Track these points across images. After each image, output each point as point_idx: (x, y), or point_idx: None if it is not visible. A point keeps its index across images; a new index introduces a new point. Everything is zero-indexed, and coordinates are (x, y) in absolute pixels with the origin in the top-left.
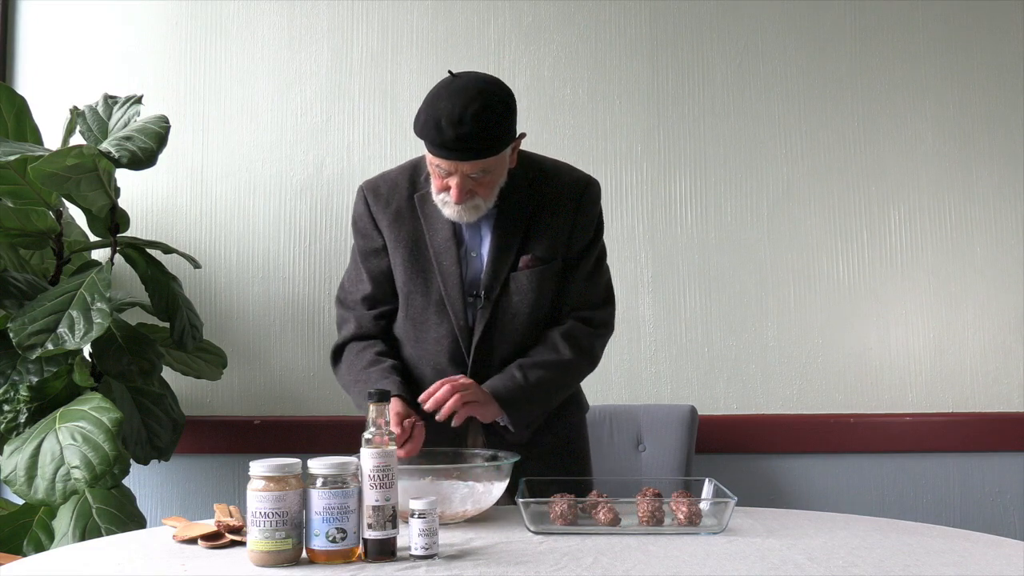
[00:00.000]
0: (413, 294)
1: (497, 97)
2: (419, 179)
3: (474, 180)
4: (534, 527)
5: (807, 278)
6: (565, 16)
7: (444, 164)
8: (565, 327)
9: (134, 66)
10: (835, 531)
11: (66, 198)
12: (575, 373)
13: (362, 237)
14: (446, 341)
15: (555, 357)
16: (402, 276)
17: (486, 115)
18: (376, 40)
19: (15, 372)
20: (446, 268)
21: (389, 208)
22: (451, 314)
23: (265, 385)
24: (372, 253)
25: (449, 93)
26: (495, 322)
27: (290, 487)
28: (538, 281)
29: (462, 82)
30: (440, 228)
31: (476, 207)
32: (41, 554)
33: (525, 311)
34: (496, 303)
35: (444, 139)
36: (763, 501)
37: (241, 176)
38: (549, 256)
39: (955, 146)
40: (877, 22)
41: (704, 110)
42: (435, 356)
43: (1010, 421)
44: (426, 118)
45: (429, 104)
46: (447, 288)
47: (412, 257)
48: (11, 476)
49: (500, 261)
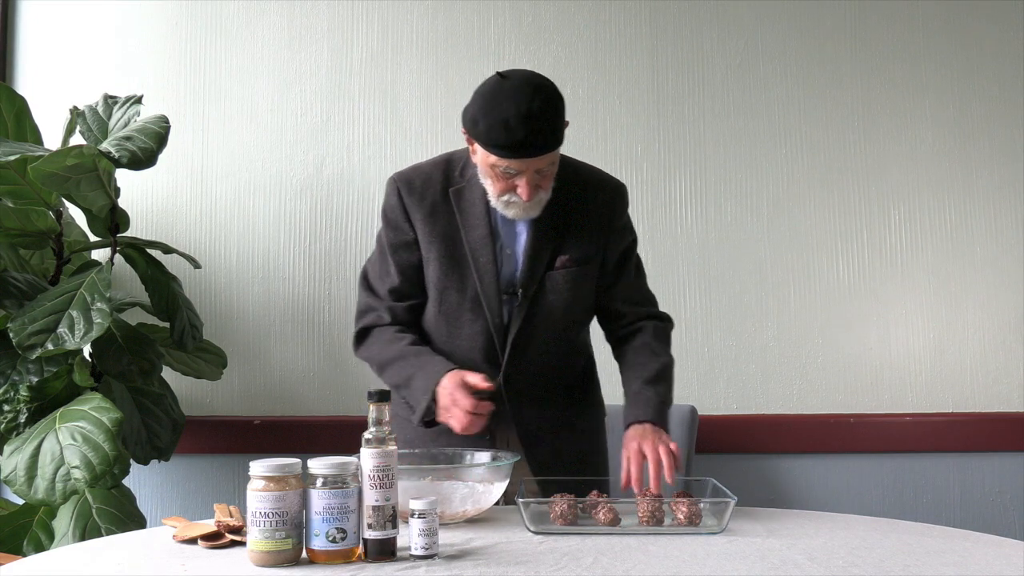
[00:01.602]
0: (448, 290)
1: (551, 88)
2: (453, 174)
3: (539, 175)
4: (534, 527)
5: (807, 278)
6: (565, 16)
7: (514, 164)
8: (652, 330)
9: (134, 66)
10: (835, 531)
11: (66, 198)
12: (674, 368)
13: (393, 229)
14: (480, 338)
15: (661, 362)
16: (436, 272)
17: (550, 107)
18: (376, 40)
19: (15, 372)
20: (482, 265)
21: (424, 202)
22: (487, 311)
23: (265, 385)
24: (402, 246)
25: (508, 94)
26: (531, 320)
27: (290, 487)
28: (573, 281)
29: (516, 81)
30: (476, 224)
31: (539, 201)
32: (41, 554)
33: (560, 310)
34: (532, 301)
35: (515, 139)
36: (763, 501)
37: (241, 176)
38: (584, 258)
39: (955, 146)
40: (877, 22)
41: (704, 110)
42: (468, 353)
43: (1010, 421)
44: (490, 122)
45: (489, 108)
46: (483, 285)
47: (448, 253)
48: (11, 476)
49: (537, 259)
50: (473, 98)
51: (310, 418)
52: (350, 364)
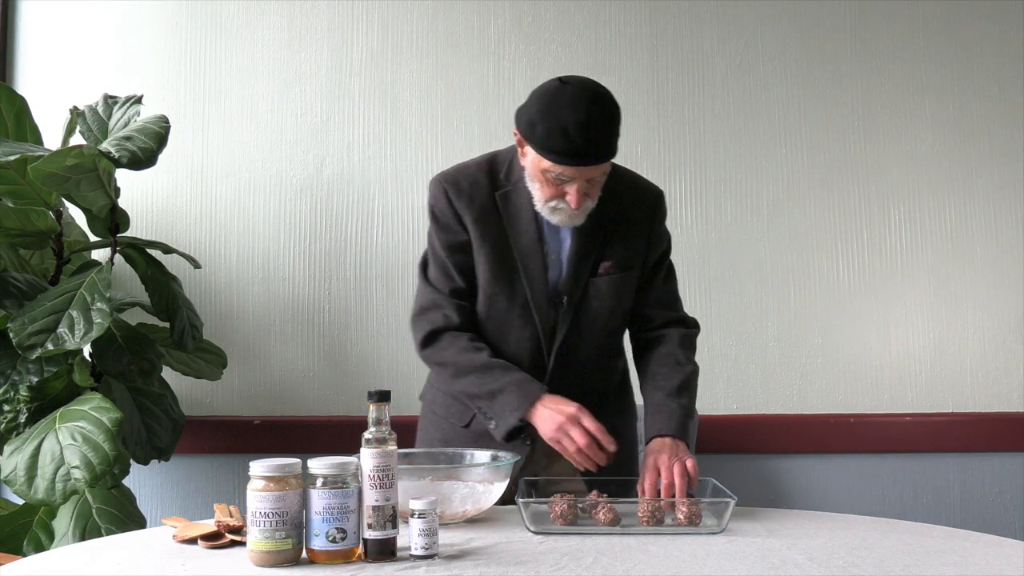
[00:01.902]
0: (497, 295)
1: (610, 98)
2: (499, 176)
3: (590, 184)
4: (534, 527)
5: (807, 278)
6: (565, 16)
7: (567, 171)
8: (678, 337)
9: (134, 66)
10: (835, 531)
11: (66, 198)
12: (698, 376)
13: (446, 232)
14: (528, 344)
15: (686, 372)
16: (486, 276)
17: (608, 117)
18: (376, 40)
19: (15, 372)
20: (532, 271)
21: (473, 205)
22: (536, 318)
23: (265, 385)
24: (458, 248)
25: (568, 100)
26: (576, 327)
27: (290, 487)
28: (617, 288)
29: (576, 88)
30: (525, 230)
31: (586, 209)
32: (41, 554)
33: (604, 316)
34: (578, 308)
35: (574, 147)
36: (763, 501)
37: (241, 176)
38: (628, 264)
39: (955, 146)
40: (877, 22)
41: (704, 110)
42: (515, 358)
43: (1010, 421)
44: (549, 128)
45: (547, 113)
46: (533, 292)
47: (497, 258)
48: (11, 476)
49: (581, 266)
50: (530, 100)
51: (310, 418)
52: (350, 364)
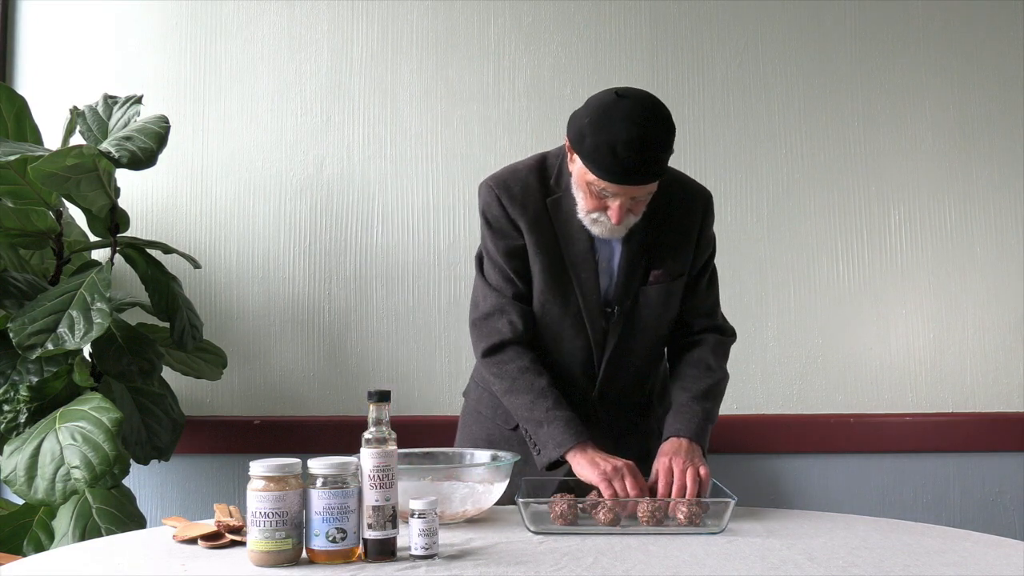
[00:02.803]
0: (550, 304)
1: (667, 120)
2: (549, 181)
3: (633, 200)
4: (534, 527)
5: (807, 278)
6: (565, 16)
7: (611, 187)
8: (711, 344)
9: (134, 66)
10: (835, 531)
11: (66, 198)
12: (726, 384)
13: (502, 237)
14: (580, 354)
15: (715, 378)
16: (540, 284)
17: (662, 141)
18: (376, 40)
19: (15, 372)
20: (585, 281)
21: (527, 211)
22: (588, 327)
23: (265, 385)
24: (516, 253)
25: (622, 116)
26: (626, 336)
27: (290, 487)
28: (666, 296)
29: (632, 104)
30: (577, 239)
31: (628, 224)
32: (41, 554)
33: (653, 325)
34: (628, 316)
35: (621, 165)
36: (763, 501)
37: (241, 176)
38: (679, 271)
39: (955, 146)
40: (877, 22)
41: (704, 110)
42: (567, 367)
43: (1010, 421)
44: (597, 142)
45: (600, 127)
46: (586, 301)
47: (551, 266)
48: (11, 476)
49: (632, 274)
50: (584, 109)
51: (310, 418)
52: (350, 364)
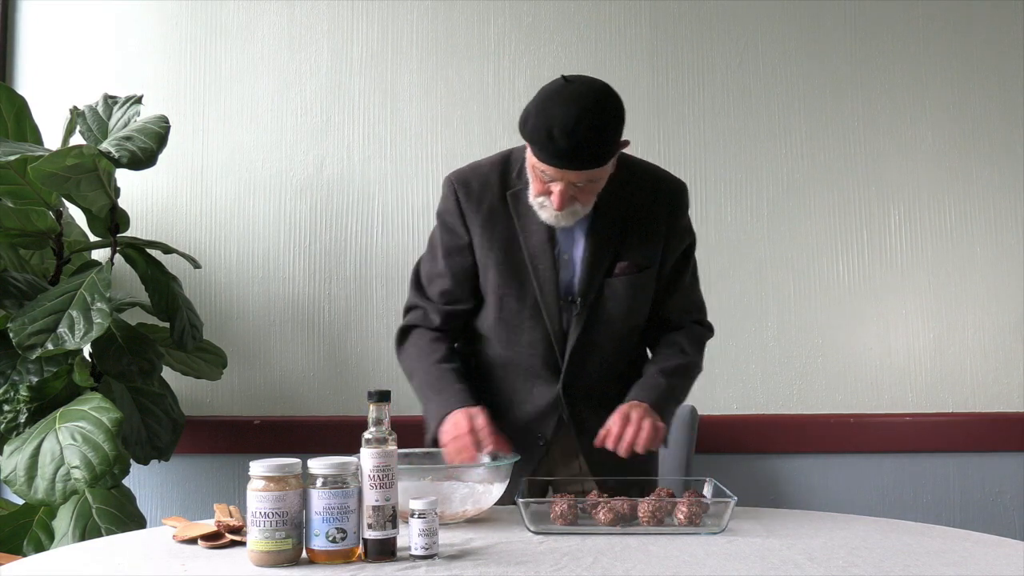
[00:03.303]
0: (507, 297)
1: (611, 107)
2: (511, 175)
3: (577, 188)
4: (534, 527)
5: (807, 278)
6: (565, 16)
7: (550, 170)
8: (689, 331)
9: (134, 66)
10: (835, 531)
11: (66, 198)
12: (697, 374)
13: (448, 232)
14: (540, 346)
15: (687, 360)
16: (495, 278)
17: (599, 127)
18: (376, 40)
19: (15, 372)
20: (542, 272)
21: (482, 206)
22: (547, 319)
23: (265, 385)
24: (456, 250)
25: (563, 100)
26: (590, 328)
27: (290, 487)
28: (633, 288)
29: (576, 89)
30: (535, 230)
31: (574, 213)
32: (41, 554)
33: (620, 317)
34: (592, 308)
35: (556, 148)
36: (763, 501)
37: (241, 176)
38: (645, 263)
39: (955, 146)
40: (877, 22)
41: (704, 110)
42: (528, 360)
43: (1010, 421)
44: (536, 124)
45: (540, 109)
46: (543, 293)
47: (506, 259)
48: (11, 476)
49: (596, 266)
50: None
51: (310, 418)
52: (350, 364)
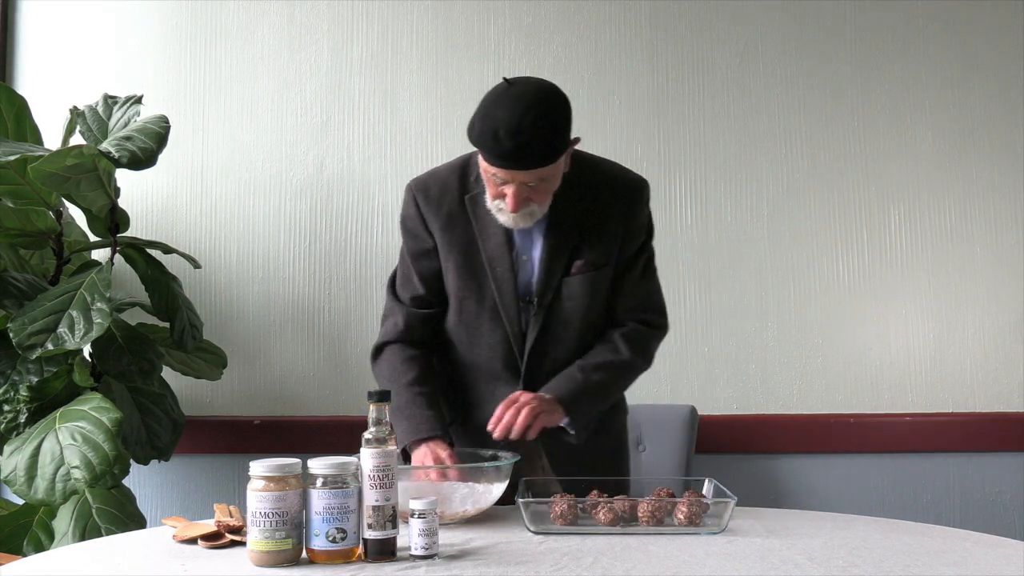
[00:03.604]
0: (467, 299)
1: (554, 105)
2: (469, 179)
3: (530, 188)
4: (534, 527)
5: (807, 278)
6: (565, 16)
7: (500, 173)
8: (626, 328)
9: (134, 66)
10: (835, 531)
11: (66, 198)
12: (632, 374)
13: (412, 238)
14: (500, 348)
15: (615, 357)
16: (455, 281)
17: (544, 124)
18: (376, 40)
19: (15, 372)
20: (500, 274)
21: (440, 211)
22: (505, 321)
23: (265, 385)
24: (422, 255)
25: (506, 101)
26: (548, 328)
27: (290, 487)
28: (591, 286)
29: (518, 90)
30: (493, 232)
31: (531, 214)
32: (41, 554)
33: (578, 316)
34: (549, 309)
35: (502, 149)
36: (763, 501)
37: (241, 176)
38: (602, 261)
39: (955, 146)
40: (877, 22)
41: (704, 110)
42: (488, 362)
43: (1010, 421)
44: (482, 127)
45: (485, 113)
46: (501, 295)
47: (465, 262)
48: (11, 476)
49: (553, 266)
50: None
51: (310, 418)
52: (350, 364)
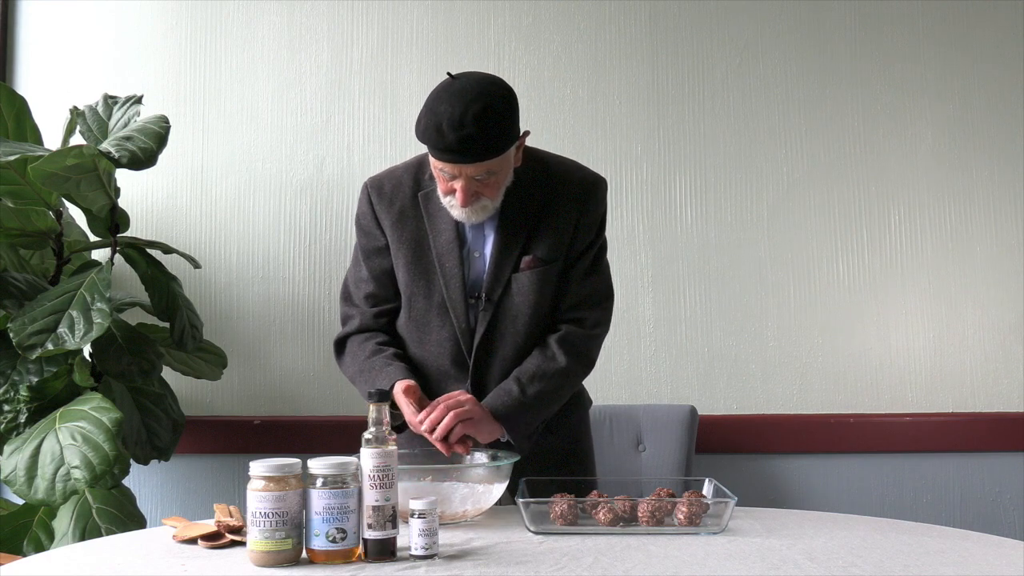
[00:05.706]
0: (415, 296)
1: (498, 97)
2: (423, 177)
3: (479, 182)
4: (534, 527)
5: (807, 278)
6: (565, 16)
7: (448, 167)
8: (560, 333)
9: (134, 66)
10: (835, 531)
11: (66, 198)
12: (571, 380)
13: (364, 235)
14: (448, 344)
15: (552, 366)
16: (404, 278)
17: (487, 116)
18: (376, 40)
19: (15, 372)
20: (448, 270)
21: (393, 207)
22: (453, 317)
23: (265, 385)
24: (374, 252)
25: (449, 96)
26: (496, 324)
27: (290, 487)
28: (539, 282)
29: (461, 84)
30: (444, 228)
31: (484, 208)
32: (41, 554)
33: (526, 312)
34: (498, 305)
35: (446, 143)
36: (763, 501)
37: (241, 176)
38: (551, 257)
39: (955, 146)
40: (877, 22)
41: (704, 110)
42: (437, 358)
43: (1010, 421)
44: (427, 123)
45: (429, 108)
46: (449, 290)
47: (415, 258)
48: (11, 476)
49: (502, 262)
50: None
51: (310, 418)
52: None
